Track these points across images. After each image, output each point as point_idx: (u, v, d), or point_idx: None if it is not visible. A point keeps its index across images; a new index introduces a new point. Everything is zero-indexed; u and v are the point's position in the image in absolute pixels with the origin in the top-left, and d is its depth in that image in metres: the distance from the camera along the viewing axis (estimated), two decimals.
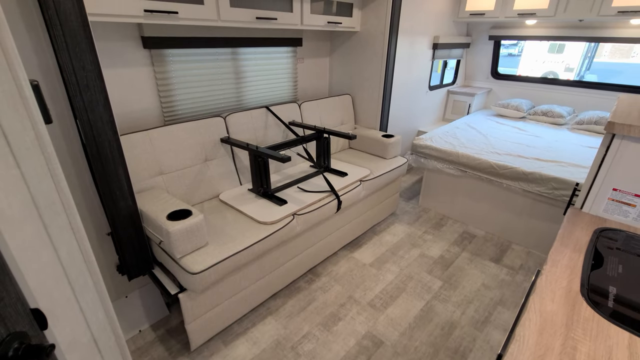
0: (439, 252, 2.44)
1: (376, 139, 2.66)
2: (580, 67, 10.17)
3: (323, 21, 2.30)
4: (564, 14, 2.83)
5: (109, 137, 1.30)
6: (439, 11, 3.23)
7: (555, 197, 2.24)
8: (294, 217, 1.83)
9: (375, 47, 2.61)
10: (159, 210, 1.50)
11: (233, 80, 2.25)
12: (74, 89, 1.17)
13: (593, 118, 3.11)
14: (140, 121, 1.90)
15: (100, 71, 1.21)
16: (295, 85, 2.71)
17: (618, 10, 2.58)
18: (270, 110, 2.31)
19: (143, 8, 1.47)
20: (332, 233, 2.23)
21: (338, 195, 2.07)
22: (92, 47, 1.17)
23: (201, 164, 1.96)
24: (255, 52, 2.33)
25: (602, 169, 1.21)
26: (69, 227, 0.70)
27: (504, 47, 15.01)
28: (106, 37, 1.66)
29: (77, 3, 1.10)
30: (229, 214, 1.84)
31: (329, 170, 2.37)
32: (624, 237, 1.14)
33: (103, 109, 1.25)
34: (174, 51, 1.90)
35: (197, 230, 1.46)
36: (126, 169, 1.40)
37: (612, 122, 1.14)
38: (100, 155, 1.30)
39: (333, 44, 2.88)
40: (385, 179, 2.47)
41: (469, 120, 3.53)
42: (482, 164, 2.54)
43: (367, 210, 2.51)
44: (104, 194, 1.37)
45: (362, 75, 2.78)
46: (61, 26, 1.08)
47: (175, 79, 1.96)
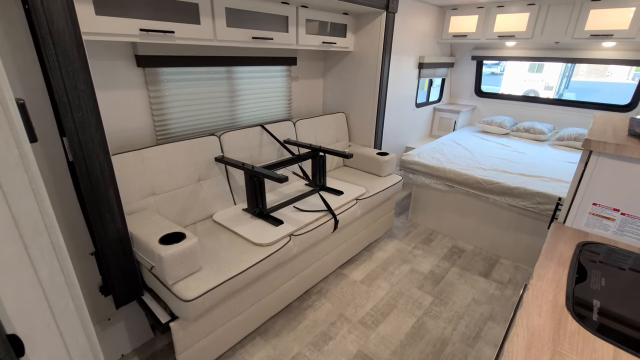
0: (429, 268, 2.45)
1: (371, 156, 2.68)
2: (559, 85, 10.63)
3: (318, 41, 2.36)
4: (540, 37, 2.98)
5: (100, 158, 1.27)
6: (423, 33, 3.36)
7: (540, 212, 2.29)
8: (290, 238, 1.79)
9: (369, 67, 2.67)
10: (150, 234, 1.44)
11: (227, 99, 2.26)
12: (65, 109, 1.14)
13: (572, 134, 3.23)
14: (132, 140, 1.86)
15: (93, 91, 1.19)
16: (290, 103, 2.74)
17: (590, 34, 2.73)
18: (265, 129, 2.31)
19: (139, 27, 1.47)
20: (328, 253, 2.19)
21: (335, 215, 2.04)
22: (85, 67, 1.15)
23: (194, 184, 1.92)
24: (250, 71, 2.35)
25: (581, 184, 1.25)
26: (51, 248, 0.68)
27: (486, 66, 15.58)
28: (99, 56, 1.64)
29: (72, 22, 1.09)
30: (224, 235, 1.78)
31: (324, 189, 2.36)
32: (605, 251, 1.17)
33: (95, 129, 1.23)
34: (168, 69, 1.90)
35: (191, 255, 1.40)
36: (117, 191, 1.35)
37: (588, 140, 1.18)
38: (90, 177, 1.26)
39: (327, 63, 2.95)
40: (381, 197, 2.47)
41: (455, 136, 3.62)
42: (469, 180, 2.59)
43: (363, 229, 2.49)
44: (93, 217, 1.32)
45: (356, 93, 2.83)
46: (54, 45, 1.07)
47: (168, 97, 1.94)
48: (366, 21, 2.57)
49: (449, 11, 3.45)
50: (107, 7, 1.37)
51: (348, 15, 2.55)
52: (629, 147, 1.11)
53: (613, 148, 1.14)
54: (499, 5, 3.12)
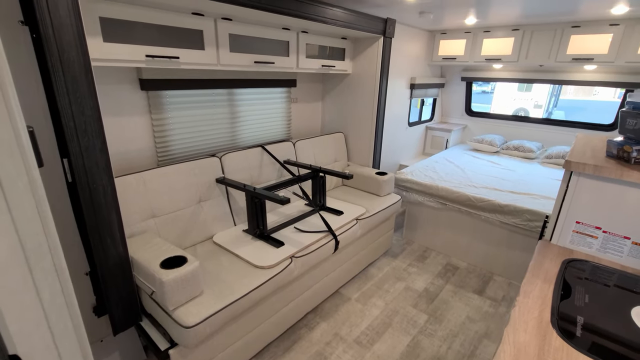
0: (423, 285, 2.46)
1: (370, 176, 2.71)
2: (548, 104, 10.93)
3: (317, 65, 2.44)
4: (525, 60, 3.12)
5: (104, 182, 1.27)
6: (415, 55, 3.50)
7: (530, 229, 2.34)
8: (291, 259, 1.78)
9: (367, 89, 2.74)
10: (151, 258, 1.43)
11: (228, 120, 2.30)
12: (71, 134, 1.15)
13: (560, 153, 3.33)
14: (133, 161, 1.87)
15: (100, 116, 1.21)
16: (289, 123, 2.80)
17: (572, 58, 2.87)
18: (266, 150, 2.34)
19: (145, 53, 1.52)
20: (328, 274, 2.18)
21: (335, 235, 2.04)
22: (93, 93, 1.18)
23: (195, 206, 1.92)
24: (251, 93, 2.41)
25: (564, 203, 1.31)
26: (54, 269, 0.71)
27: (478, 85, 16.00)
28: (103, 80, 1.67)
29: (82, 51, 1.13)
30: (224, 258, 1.77)
31: (324, 209, 2.37)
32: (590, 268, 1.21)
33: (100, 153, 1.24)
34: (171, 92, 1.94)
35: (193, 279, 1.39)
36: (119, 215, 1.35)
37: (569, 161, 1.25)
38: (92, 201, 1.26)
39: (325, 85, 3.03)
40: (380, 216, 2.49)
41: (447, 154, 3.70)
42: (461, 197, 2.64)
43: (362, 249, 2.49)
44: (94, 241, 1.31)
45: (355, 114, 2.90)
46: (63, 73, 1.10)
47: (170, 119, 1.98)
48: (364, 45, 2.68)
49: (439, 35, 3.60)
50: (115, 34, 1.43)
51: (346, 39, 2.66)
52: (606, 168, 1.17)
53: (592, 169, 1.20)
54: (485, 31, 3.27)
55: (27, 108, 1.33)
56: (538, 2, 2.16)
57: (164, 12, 1.56)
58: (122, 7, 1.41)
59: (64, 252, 1.60)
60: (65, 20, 1.07)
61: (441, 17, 2.82)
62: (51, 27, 1.04)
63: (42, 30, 1.03)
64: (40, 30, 1.03)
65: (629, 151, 1.20)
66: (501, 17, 2.72)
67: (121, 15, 1.42)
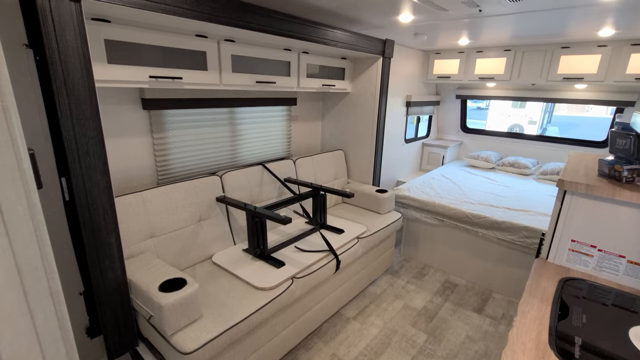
0: (422, 303, 2.43)
1: (370, 194, 2.71)
2: (542, 120, 11.11)
3: (318, 84, 2.49)
4: (518, 79, 3.20)
5: (104, 203, 1.26)
6: (410, 74, 3.58)
7: (528, 245, 2.34)
8: (292, 280, 1.74)
9: (366, 108, 2.78)
10: (149, 280, 1.40)
11: (229, 138, 2.31)
12: (73, 156, 1.15)
13: (555, 169, 3.37)
14: (133, 180, 1.87)
15: (102, 137, 1.21)
16: (289, 141, 2.82)
17: (563, 77, 2.94)
18: (267, 168, 2.34)
19: (149, 74, 1.54)
20: (329, 295, 2.13)
21: (336, 255, 2.01)
22: (96, 115, 1.18)
23: (195, 225, 1.90)
24: (252, 111, 2.43)
25: (559, 221, 1.32)
26: (49, 293, 0.71)
27: (473, 102, 16.30)
28: (106, 100, 1.68)
29: (87, 73, 1.14)
30: (224, 279, 1.73)
31: (325, 227, 2.35)
32: (587, 287, 1.21)
33: (101, 175, 1.23)
34: (172, 111, 1.95)
35: (192, 302, 1.35)
36: (119, 237, 1.34)
37: (562, 180, 1.27)
38: (92, 223, 1.24)
39: (325, 103, 3.08)
40: (381, 234, 2.47)
41: (444, 171, 3.74)
42: (458, 214, 2.65)
43: (363, 267, 2.45)
44: (92, 264, 1.29)
45: (354, 132, 2.93)
46: (67, 95, 1.10)
47: (172, 137, 1.98)
48: (363, 65, 2.74)
49: (433, 55, 3.70)
50: (119, 56, 1.45)
51: (346, 59, 2.72)
52: (598, 187, 1.19)
53: (584, 188, 1.22)
54: (478, 51, 3.37)
55: (29, 129, 1.35)
56: (527, 25, 2.24)
57: (169, 35, 1.59)
58: (127, 29, 1.44)
59: (59, 271, 1.59)
60: (71, 44, 1.08)
61: (435, 39, 2.90)
62: (57, 51, 1.06)
63: (47, 54, 1.05)
64: (46, 53, 1.04)
65: (620, 170, 1.22)
66: (493, 38, 2.81)
67: (126, 37, 1.45)
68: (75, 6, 1.07)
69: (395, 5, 1.83)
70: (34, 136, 1.37)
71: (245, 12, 1.57)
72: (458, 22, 2.23)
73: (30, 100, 1.35)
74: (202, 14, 1.41)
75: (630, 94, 2.99)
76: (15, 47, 1.28)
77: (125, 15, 1.36)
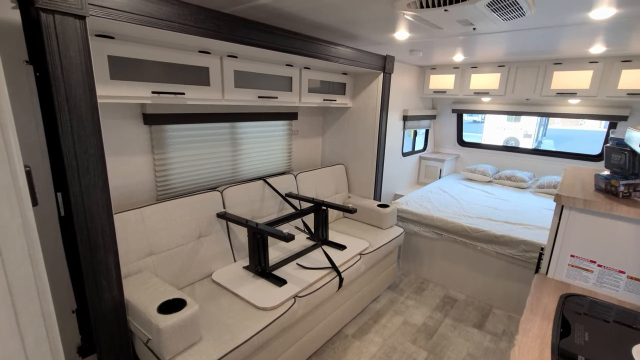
0: (421, 319, 2.40)
1: (372, 208, 2.68)
2: (537, 133, 11.26)
3: (319, 99, 2.50)
4: (512, 94, 3.26)
5: (103, 222, 1.22)
6: (407, 89, 3.63)
7: (527, 260, 2.33)
8: (295, 299, 1.69)
9: (367, 122, 2.79)
10: (148, 301, 1.34)
11: (230, 153, 2.30)
12: (73, 173, 1.12)
13: (552, 182, 3.39)
14: (132, 195, 1.83)
15: (103, 154, 1.18)
16: (290, 156, 2.82)
17: (557, 92, 3.00)
18: (268, 183, 2.32)
19: (151, 90, 1.53)
20: (331, 313, 2.07)
21: (339, 272, 1.96)
22: (98, 131, 1.16)
23: (195, 242, 1.86)
24: (253, 126, 2.43)
25: (558, 236, 1.32)
26: (40, 314, 0.69)
27: (468, 115, 16.50)
28: (107, 115, 1.67)
29: (89, 89, 1.12)
30: (224, 298, 1.68)
31: (327, 243, 2.31)
32: (588, 303, 1.20)
33: (101, 192, 1.19)
34: (174, 126, 1.94)
35: (192, 324, 1.30)
36: (117, 256, 1.29)
37: (559, 195, 1.27)
38: (90, 242, 1.20)
39: (326, 117, 3.10)
40: (384, 250, 2.43)
41: (441, 184, 3.75)
42: (456, 227, 2.64)
43: (366, 285, 2.40)
44: (88, 285, 1.24)
45: (355, 146, 2.93)
46: (69, 112, 1.08)
47: (172, 152, 1.97)
48: (364, 80, 2.76)
49: (429, 70, 3.76)
50: (122, 72, 1.44)
51: (347, 75, 2.75)
52: (595, 203, 1.20)
53: (582, 203, 1.23)
54: (473, 67, 3.43)
55: (26, 145, 1.35)
56: (520, 42, 2.29)
57: (172, 51, 1.59)
58: (131, 46, 1.45)
59: (51, 289, 1.55)
60: (74, 60, 1.07)
61: (430, 55, 2.96)
62: (60, 67, 1.04)
63: (50, 70, 1.03)
64: (49, 70, 1.03)
65: (616, 185, 1.23)
66: (487, 55, 2.87)
67: (130, 53, 1.45)
68: (80, 23, 1.07)
69: (392, 23, 1.87)
70: (31, 151, 1.37)
71: (249, 29, 1.59)
72: (453, 40, 2.28)
73: (29, 116, 1.35)
74: (207, 31, 1.42)
75: (622, 108, 3.04)
76: (16, 63, 1.29)
77: (130, 32, 1.36)
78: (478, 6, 1.39)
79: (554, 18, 1.68)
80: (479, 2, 1.34)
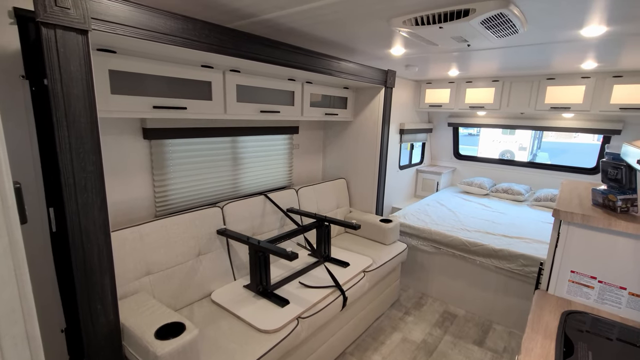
0: (421, 336, 2.35)
1: (374, 223, 2.64)
2: (532, 146, 11.39)
3: (321, 113, 2.49)
4: (507, 108, 3.30)
5: (100, 242, 1.16)
6: (403, 103, 3.67)
7: (526, 274, 2.31)
8: (298, 321, 1.63)
9: (369, 136, 2.78)
10: (145, 325, 1.27)
11: (230, 167, 2.26)
12: (70, 191, 1.06)
13: (548, 195, 3.39)
14: (130, 212, 1.78)
15: (102, 172, 1.14)
16: (291, 170, 2.79)
17: (550, 107, 3.04)
18: (269, 198, 2.28)
19: (152, 105, 1.51)
20: (334, 334, 2.00)
21: (343, 291, 1.90)
22: (97, 148, 1.11)
23: (193, 260, 1.80)
24: (253, 140, 2.41)
25: (557, 251, 1.30)
26: (25, 337, 0.66)
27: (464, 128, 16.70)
28: (106, 130, 1.64)
29: (89, 105, 1.08)
30: (224, 320, 1.60)
31: (329, 260, 2.25)
32: (590, 320, 1.17)
33: (98, 211, 1.14)
34: (174, 141, 1.91)
35: (191, 350, 1.23)
36: (113, 278, 1.23)
37: (557, 210, 1.27)
38: (85, 264, 1.14)
39: (327, 131, 3.09)
40: (388, 267, 2.38)
41: (438, 197, 3.74)
42: (454, 241, 2.63)
43: (369, 303, 2.34)
44: (82, 309, 1.17)
45: (356, 160, 2.91)
46: (68, 127, 1.04)
47: (172, 167, 1.93)
48: (365, 95, 2.77)
49: (424, 85, 3.81)
50: (123, 87, 1.42)
51: (348, 89, 2.75)
52: (594, 218, 1.19)
53: (580, 218, 1.22)
54: (468, 81, 3.48)
55: (19, 160, 1.33)
56: (513, 58, 2.33)
57: (174, 65, 1.58)
58: (133, 60, 1.43)
59: (39, 307, 1.51)
60: (75, 74, 1.04)
61: (426, 70, 3.00)
62: (60, 82, 1.01)
63: (50, 85, 1.00)
64: (49, 85, 1.00)
65: (614, 200, 1.23)
66: (481, 70, 2.92)
67: (131, 68, 1.43)
68: (82, 38, 1.04)
69: (388, 39, 1.90)
70: (24, 167, 1.35)
71: (252, 44, 1.58)
72: (448, 55, 2.32)
73: (23, 131, 1.33)
74: (211, 46, 1.41)
75: (616, 122, 3.09)
76: (12, 78, 1.29)
77: (133, 47, 1.35)
78: (472, 24, 1.41)
79: (547, 35, 1.71)
80: (473, 19, 1.37)
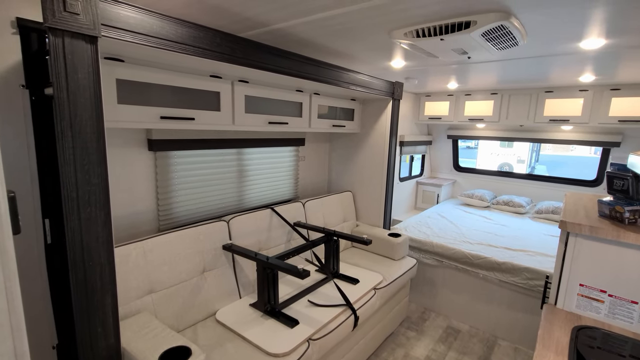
0: (424, 353, 2.28)
1: (383, 238, 2.56)
2: (530, 159, 11.44)
3: (328, 125, 2.47)
4: (506, 120, 3.31)
5: (102, 260, 1.09)
6: (403, 115, 3.69)
7: (531, 288, 2.26)
8: (309, 343, 1.53)
9: (376, 148, 2.74)
10: (147, 350, 1.19)
11: (235, 180, 2.22)
12: (71, 205, 1.00)
13: (550, 208, 3.37)
14: (133, 226, 1.74)
15: (107, 185, 1.07)
16: (297, 182, 2.76)
17: (549, 119, 3.05)
18: (276, 212, 2.21)
19: (159, 115, 1.47)
20: (344, 356, 1.89)
21: (354, 310, 1.81)
22: (103, 160, 1.05)
23: (198, 277, 1.72)
24: (259, 152, 2.37)
25: (565, 264, 1.27)
26: (13, 354, 0.62)
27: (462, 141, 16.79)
28: (109, 141, 1.60)
29: (96, 114, 1.03)
30: (230, 343, 1.50)
31: (338, 276, 2.16)
32: (601, 336, 1.14)
33: (102, 227, 1.07)
34: (179, 153, 1.87)
35: None
36: (115, 298, 1.15)
37: (564, 222, 1.24)
38: (86, 283, 1.06)
39: (333, 143, 3.07)
40: (398, 284, 2.29)
41: (439, 209, 3.72)
42: (457, 254, 2.59)
43: (379, 322, 2.23)
44: (81, 332, 1.08)
45: (363, 173, 2.87)
46: (73, 138, 0.99)
47: (176, 179, 1.88)
48: (372, 106, 2.76)
49: (424, 97, 3.84)
50: (130, 96, 1.39)
51: (355, 101, 2.74)
52: (601, 229, 1.17)
53: (588, 230, 1.19)
54: (467, 94, 3.51)
55: (14, 170, 1.30)
56: (512, 71, 2.36)
57: (183, 75, 1.56)
58: (141, 70, 1.41)
59: (30, 322, 1.46)
60: (82, 83, 0.99)
61: (425, 82, 3.03)
62: (66, 90, 0.96)
63: (55, 93, 0.95)
64: (54, 93, 0.95)
65: (621, 212, 1.21)
66: (480, 82, 2.94)
67: (140, 77, 1.40)
68: (91, 44, 1.00)
69: (388, 51, 1.92)
70: (21, 176, 1.32)
71: (263, 53, 1.57)
72: (447, 68, 2.34)
73: (21, 140, 1.32)
74: (222, 55, 1.39)
75: (615, 135, 3.10)
76: (12, 87, 1.28)
77: (142, 55, 1.33)
78: (473, 36, 1.42)
79: (546, 48, 1.73)
80: (474, 32, 1.38)
